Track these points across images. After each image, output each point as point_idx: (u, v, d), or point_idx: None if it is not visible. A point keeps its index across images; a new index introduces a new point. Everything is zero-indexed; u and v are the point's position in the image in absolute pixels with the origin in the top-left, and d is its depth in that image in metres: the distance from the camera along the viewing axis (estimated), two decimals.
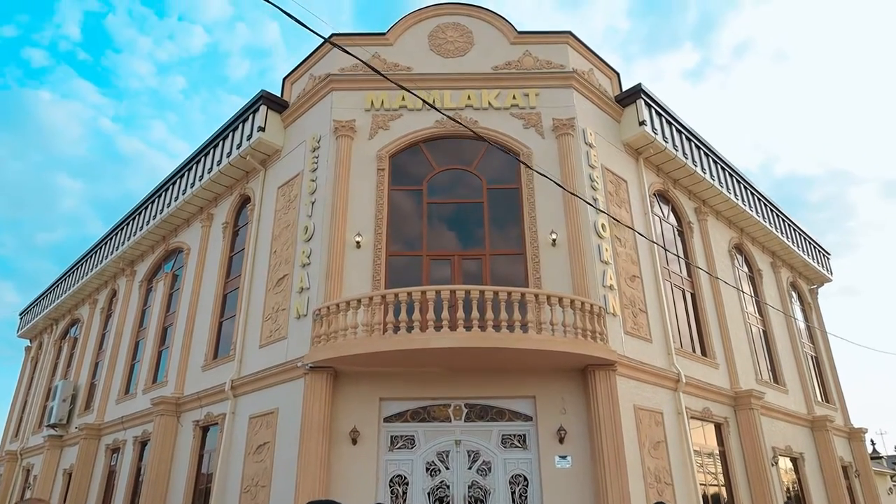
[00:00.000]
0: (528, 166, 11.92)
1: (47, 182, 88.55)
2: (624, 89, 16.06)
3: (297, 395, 11.76)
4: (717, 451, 14.37)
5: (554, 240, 12.87)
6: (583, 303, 11.57)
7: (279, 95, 16.19)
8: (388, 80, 7.95)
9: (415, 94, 8.24)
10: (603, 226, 13.41)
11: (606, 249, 13.17)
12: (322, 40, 15.19)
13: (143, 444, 16.53)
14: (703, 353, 15.45)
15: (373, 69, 7.79)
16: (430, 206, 13.64)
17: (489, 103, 14.35)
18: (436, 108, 9.24)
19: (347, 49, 6.93)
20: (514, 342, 10.69)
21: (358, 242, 12.86)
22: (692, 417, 13.69)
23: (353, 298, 11.38)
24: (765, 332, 19.03)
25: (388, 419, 11.66)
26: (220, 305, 16.05)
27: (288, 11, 6.05)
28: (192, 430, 14.68)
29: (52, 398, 22.45)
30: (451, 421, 11.66)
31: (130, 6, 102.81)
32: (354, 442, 11.30)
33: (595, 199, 13.63)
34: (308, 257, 13.18)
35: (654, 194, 16.30)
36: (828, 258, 25.49)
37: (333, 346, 11.19)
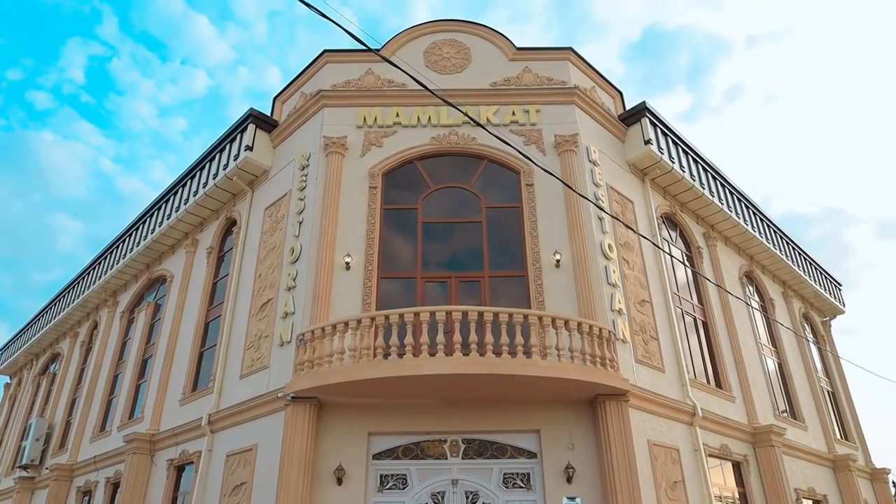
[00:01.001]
0: (534, 162, 11.14)
1: (47, 222, 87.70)
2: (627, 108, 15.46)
3: (277, 430, 10.67)
4: (738, 493, 13.18)
5: (558, 261, 12.01)
6: (591, 326, 10.61)
7: (269, 115, 15.57)
8: (384, 58, 7.21)
9: (417, 81, 7.48)
10: (610, 246, 12.56)
11: (614, 271, 12.29)
12: (320, 51, 14.64)
13: (116, 486, 15.24)
14: (718, 384, 14.40)
15: (368, 48, 7.06)
16: (426, 225, 12.81)
17: (487, 119, 13.67)
18: (443, 101, 8.48)
19: (348, 34, 6.19)
20: (517, 368, 9.69)
21: (347, 264, 11.99)
22: (710, 455, 12.58)
23: (339, 321, 10.42)
24: (780, 364, 17.98)
25: (377, 456, 10.54)
26: (201, 334, 15.01)
27: (318, 9, 5.35)
28: (166, 470, 13.49)
29: (26, 437, 21.16)
30: (447, 458, 10.54)
31: (134, 51, 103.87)
32: (340, 482, 10.17)
33: (601, 219, 12.85)
34: (294, 280, 12.27)
35: (661, 217, 15.51)
36: (839, 289, 24.58)
37: (317, 374, 10.19)
